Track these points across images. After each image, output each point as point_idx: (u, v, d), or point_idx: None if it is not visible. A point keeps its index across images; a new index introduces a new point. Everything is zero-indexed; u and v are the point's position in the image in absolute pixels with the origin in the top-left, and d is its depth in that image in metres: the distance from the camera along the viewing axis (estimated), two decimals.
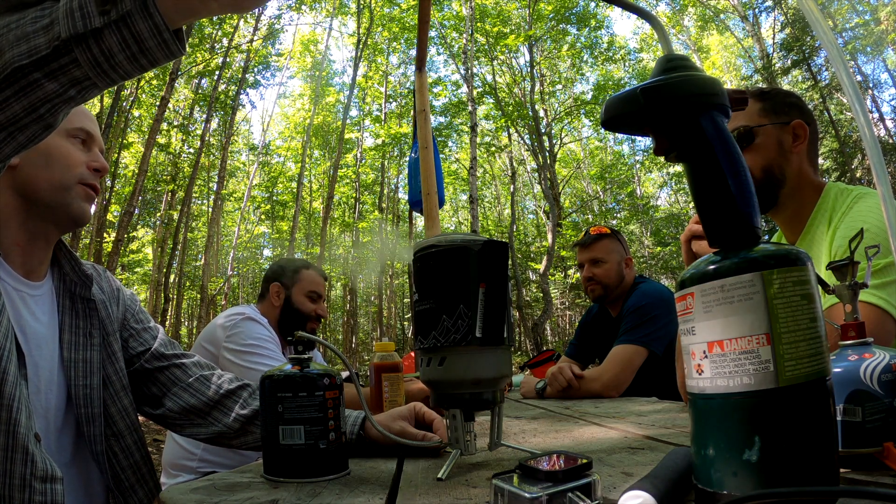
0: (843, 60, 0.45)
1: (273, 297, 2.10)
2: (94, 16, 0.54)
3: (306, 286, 2.13)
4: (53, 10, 0.55)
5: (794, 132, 1.22)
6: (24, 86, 0.55)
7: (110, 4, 0.54)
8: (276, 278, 2.12)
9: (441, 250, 0.77)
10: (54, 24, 0.54)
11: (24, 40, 0.54)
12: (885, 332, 0.97)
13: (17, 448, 0.80)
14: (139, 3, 0.54)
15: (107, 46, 0.55)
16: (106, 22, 0.54)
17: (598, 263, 2.24)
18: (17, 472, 0.80)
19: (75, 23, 0.54)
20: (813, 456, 0.44)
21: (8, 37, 0.54)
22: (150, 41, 0.55)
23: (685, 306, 0.49)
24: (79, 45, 0.54)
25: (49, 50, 0.54)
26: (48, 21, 0.54)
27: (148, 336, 1.15)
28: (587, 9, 14.08)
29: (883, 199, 0.43)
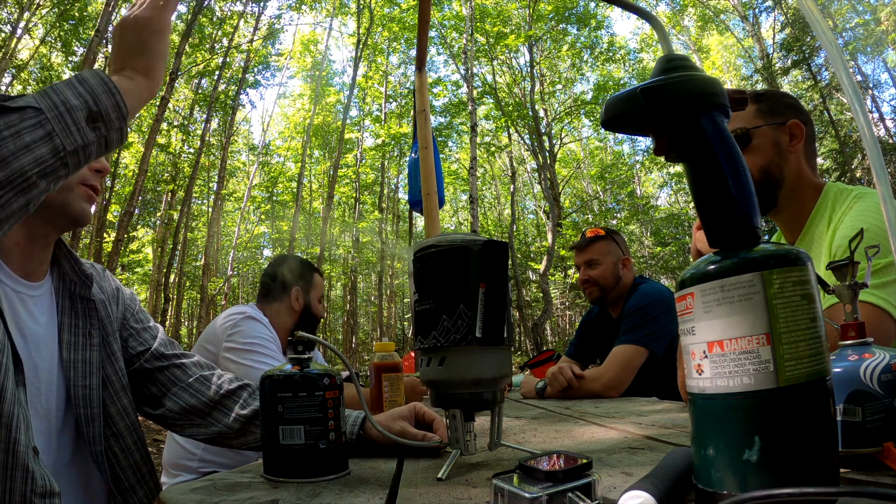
0: (843, 60, 0.45)
1: (294, 302, 2.09)
2: (88, 132, 0.68)
3: (319, 291, 2.18)
4: (42, 119, 0.64)
5: (790, 132, 1.22)
6: (25, 188, 0.64)
7: (100, 122, 0.69)
8: (297, 283, 2.11)
9: (441, 250, 0.77)
10: (52, 135, 0.64)
11: (26, 151, 0.63)
12: (885, 332, 0.97)
13: (18, 466, 0.80)
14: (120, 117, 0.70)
15: (91, 152, 0.69)
16: (98, 136, 0.68)
17: (593, 265, 2.25)
18: (17, 489, 0.80)
19: (75, 138, 0.66)
20: (813, 456, 0.44)
21: (7, 146, 0.61)
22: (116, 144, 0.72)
23: (685, 306, 0.49)
24: (73, 155, 0.67)
25: (53, 160, 0.65)
26: (44, 132, 0.64)
27: (148, 336, 1.15)
28: (587, 9, 14.09)
29: (883, 199, 0.43)
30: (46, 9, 11.58)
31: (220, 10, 14.20)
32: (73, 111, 0.66)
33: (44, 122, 0.64)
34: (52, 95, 0.66)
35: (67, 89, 0.68)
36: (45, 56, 12.20)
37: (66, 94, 0.67)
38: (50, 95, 0.66)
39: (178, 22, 13.84)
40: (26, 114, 0.64)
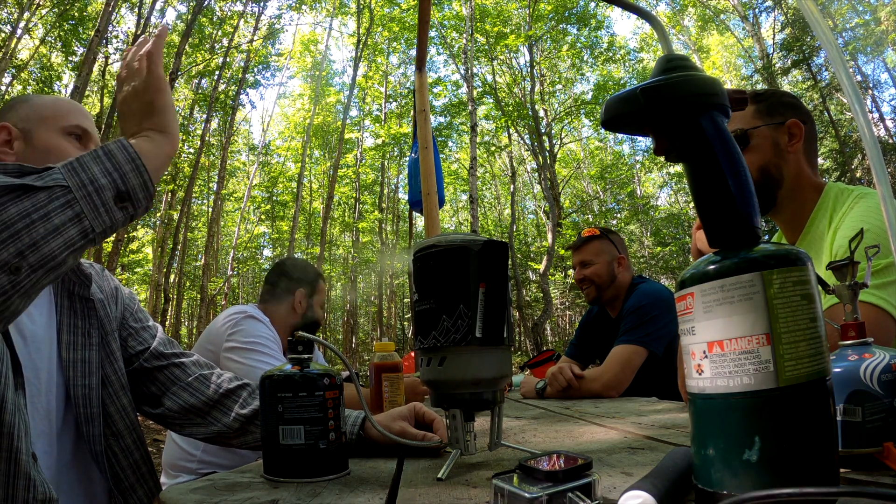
0: (843, 60, 0.45)
1: (297, 304, 2.09)
2: (116, 212, 0.68)
3: (322, 297, 2.19)
4: (70, 199, 0.64)
5: (789, 131, 1.21)
6: (55, 267, 0.64)
7: (128, 202, 0.69)
8: (301, 285, 2.11)
9: (441, 250, 0.77)
10: (81, 217, 0.64)
11: (56, 234, 0.62)
12: (885, 332, 0.97)
13: (20, 474, 0.81)
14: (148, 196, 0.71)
15: (117, 229, 0.70)
16: (125, 216, 0.69)
17: (587, 265, 2.26)
18: (19, 497, 0.80)
19: (103, 220, 0.67)
20: (813, 456, 0.44)
21: (37, 229, 0.61)
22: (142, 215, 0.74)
23: (685, 306, 0.49)
24: (101, 235, 0.67)
25: (83, 241, 0.65)
26: (72, 213, 0.64)
27: (147, 335, 1.15)
28: (587, 9, 14.09)
29: (883, 199, 0.43)
30: (46, 9, 11.58)
31: (220, 10, 14.20)
32: (101, 191, 0.66)
33: (72, 202, 0.64)
34: (79, 172, 0.65)
35: (95, 164, 0.67)
36: (45, 56, 12.20)
37: (93, 170, 0.66)
38: (78, 172, 0.65)
39: (178, 22, 13.86)
40: (54, 193, 0.63)
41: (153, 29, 13.08)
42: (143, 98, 0.82)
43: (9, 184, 0.60)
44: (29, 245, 0.60)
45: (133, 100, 0.82)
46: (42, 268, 0.62)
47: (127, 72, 0.85)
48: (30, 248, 0.60)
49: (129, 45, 0.88)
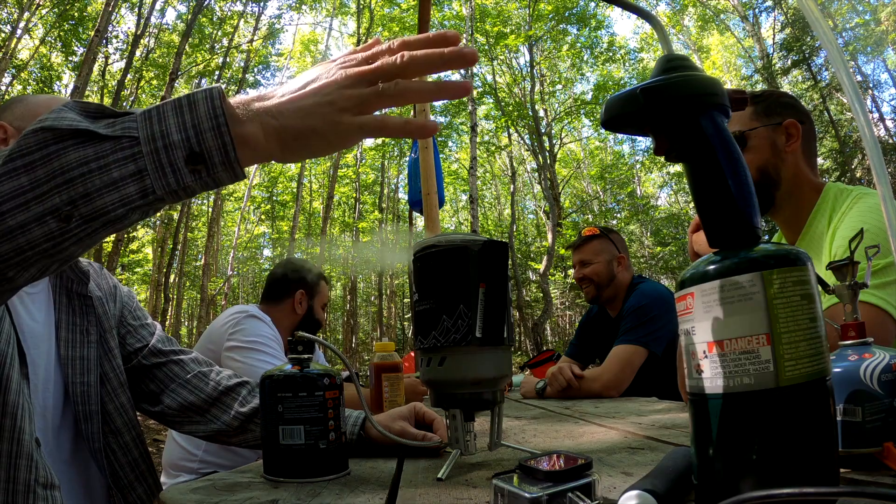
0: (843, 60, 0.45)
1: (297, 304, 2.09)
2: (186, 174, 0.56)
3: (323, 298, 2.18)
4: (136, 153, 0.55)
5: (786, 131, 1.21)
6: (112, 220, 0.57)
7: (201, 165, 0.56)
8: (301, 285, 2.11)
9: (441, 250, 0.77)
10: (143, 174, 0.55)
11: (112, 188, 0.55)
12: (885, 333, 0.97)
13: (23, 455, 0.81)
14: (226, 162, 0.56)
15: (191, 191, 0.58)
16: (197, 180, 0.57)
17: (587, 264, 2.26)
18: (21, 478, 0.80)
19: (168, 181, 0.56)
20: (813, 456, 0.44)
21: (93, 180, 0.54)
22: (227, 181, 0.60)
23: (685, 306, 0.49)
24: (169, 196, 0.57)
25: (142, 201, 0.56)
26: (135, 168, 0.55)
27: (145, 332, 1.15)
28: (587, 9, 14.09)
29: (883, 199, 0.43)
30: (46, 9, 11.58)
31: (220, 10, 14.21)
32: (171, 149, 0.56)
33: (137, 156, 0.56)
34: (154, 123, 0.57)
35: (173, 116, 0.57)
36: (45, 56, 12.20)
37: (169, 122, 0.57)
38: (153, 122, 0.57)
39: (178, 22, 13.86)
40: (120, 143, 0.56)
41: (153, 29, 13.09)
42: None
43: (75, 127, 0.55)
44: (82, 195, 0.55)
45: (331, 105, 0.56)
46: (95, 220, 0.56)
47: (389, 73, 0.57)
48: (83, 198, 0.55)
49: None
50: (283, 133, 0.57)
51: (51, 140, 0.54)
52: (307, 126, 0.56)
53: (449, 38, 0.58)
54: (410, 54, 0.56)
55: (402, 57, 0.56)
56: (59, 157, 0.54)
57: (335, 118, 0.56)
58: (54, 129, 0.54)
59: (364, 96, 0.56)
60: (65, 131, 0.54)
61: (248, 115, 0.57)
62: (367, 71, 0.56)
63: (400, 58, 0.56)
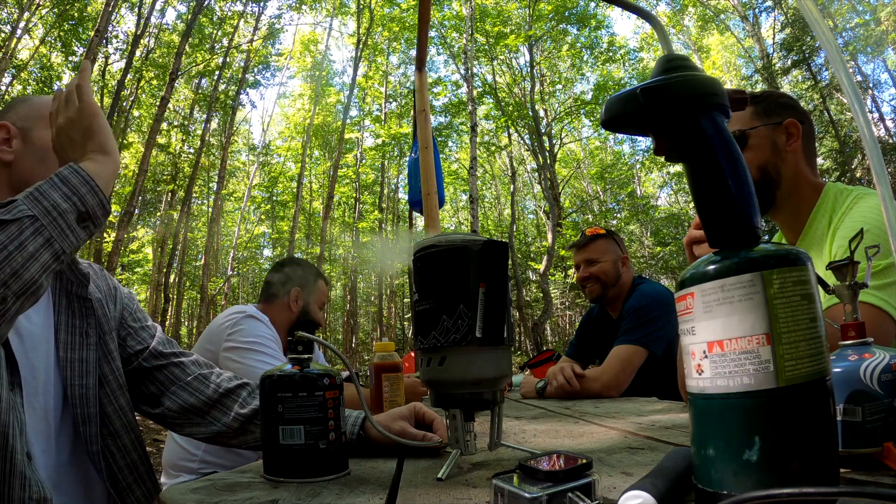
0: (843, 61, 0.45)
1: (292, 302, 2.08)
2: (80, 231, 0.76)
3: (320, 297, 2.17)
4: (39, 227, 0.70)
5: (787, 131, 1.22)
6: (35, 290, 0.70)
7: (89, 220, 0.77)
8: (298, 283, 2.11)
9: (441, 250, 0.77)
10: (52, 242, 0.71)
11: (32, 260, 0.69)
12: (885, 333, 0.97)
13: (15, 474, 0.81)
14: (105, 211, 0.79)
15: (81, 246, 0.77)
16: (87, 234, 0.77)
17: (593, 264, 2.25)
18: (15, 496, 0.81)
19: (70, 241, 0.74)
20: (813, 456, 0.44)
21: (15, 259, 0.67)
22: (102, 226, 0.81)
23: (685, 306, 0.49)
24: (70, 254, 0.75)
25: (56, 263, 0.72)
26: (43, 239, 0.70)
27: (146, 335, 1.15)
28: (587, 9, 14.08)
29: (883, 200, 0.43)
30: (46, 9, 11.58)
31: (220, 10, 14.20)
32: (64, 215, 0.73)
33: (41, 229, 0.70)
34: (41, 200, 0.72)
35: (54, 191, 0.73)
36: (45, 56, 12.20)
37: (54, 197, 0.73)
38: (40, 200, 0.72)
39: (178, 22, 13.86)
40: (24, 224, 0.68)
41: (153, 29, 13.08)
42: (81, 124, 0.87)
43: None
44: (11, 275, 0.66)
45: (71, 128, 0.87)
46: (24, 293, 0.68)
47: (58, 105, 0.90)
48: (12, 277, 0.66)
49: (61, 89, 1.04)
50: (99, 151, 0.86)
51: None
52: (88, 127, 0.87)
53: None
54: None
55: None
56: None
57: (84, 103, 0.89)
58: None
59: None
60: None
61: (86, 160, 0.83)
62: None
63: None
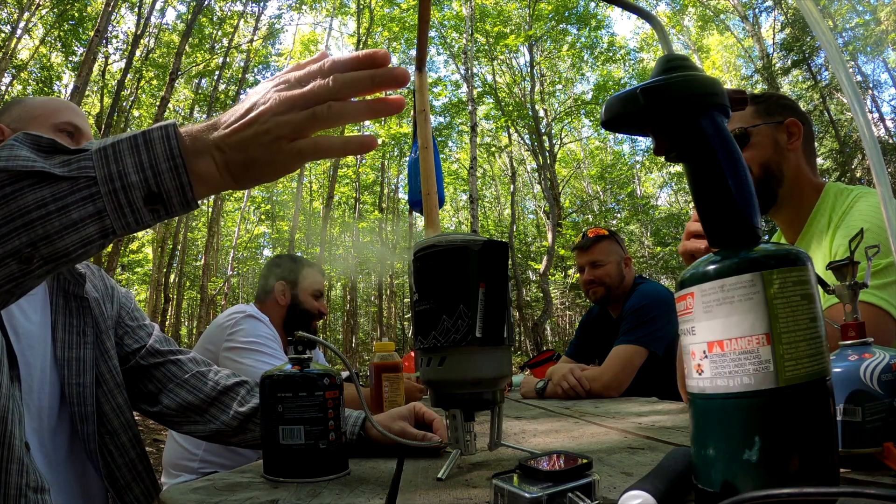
0: (843, 61, 0.45)
1: (279, 297, 2.08)
2: (145, 214, 0.57)
3: (311, 285, 2.13)
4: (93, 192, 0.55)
5: (788, 130, 1.23)
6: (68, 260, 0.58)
7: (160, 204, 0.57)
8: (281, 277, 2.11)
9: (441, 250, 0.77)
10: (103, 215, 0.55)
11: (73, 229, 0.55)
12: (885, 333, 0.97)
13: (13, 459, 0.81)
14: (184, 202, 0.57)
15: (147, 226, 0.59)
16: (155, 218, 0.58)
17: (598, 266, 2.25)
18: (12, 482, 0.81)
19: (128, 220, 0.56)
20: (813, 456, 0.44)
21: (52, 222, 0.54)
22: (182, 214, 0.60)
23: (685, 306, 0.49)
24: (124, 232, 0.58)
25: (102, 239, 0.57)
26: (94, 209, 0.55)
27: (143, 333, 1.15)
28: (587, 9, 14.08)
29: (883, 199, 0.43)
30: (46, 9, 11.58)
31: (220, 10, 14.20)
32: (129, 190, 0.56)
33: (95, 197, 0.55)
34: (111, 162, 0.56)
35: (129, 156, 0.57)
36: (45, 56, 12.20)
37: (126, 163, 0.56)
38: (109, 161, 0.56)
39: (178, 22, 13.86)
40: (78, 184, 0.55)
41: (153, 29, 13.07)
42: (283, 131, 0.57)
43: (30, 168, 0.54)
44: (42, 237, 0.55)
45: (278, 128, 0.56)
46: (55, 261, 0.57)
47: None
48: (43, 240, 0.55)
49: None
50: (231, 166, 0.57)
51: (6, 181, 0.53)
52: (249, 158, 0.57)
53: (378, 58, 0.58)
54: (340, 77, 0.57)
55: (333, 80, 0.57)
56: (15, 198, 0.53)
57: (273, 147, 0.56)
58: (8, 171, 0.53)
59: (297, 122, 0.56)
60: (20, 172, 0.53)
61: (201, 149, 0.57)
62: (299, 96, 0.56)
63: (332, 81, 0.57)
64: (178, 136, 0.57)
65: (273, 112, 0.56)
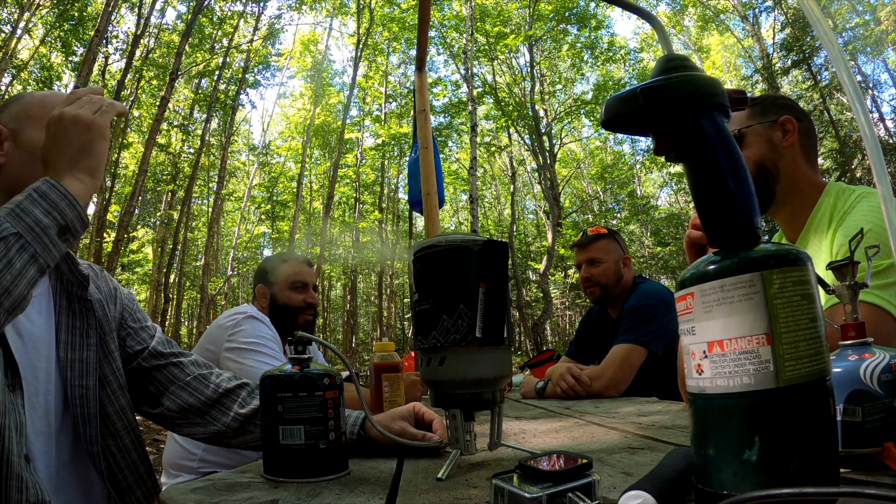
0: (844, 60, 0.45)
1: (260, 299, 2.10)
2: (61, 245, 0.78)
3: (288, 278, 2.08)
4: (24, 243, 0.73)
5: (783, 127, 1.23)
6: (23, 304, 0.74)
7: (69, 234, 0.79)
8: (260, 280, 2.12)
9: (441, 250, 0.77)
10: (37, 257, 0.74)
11: (21, 277, 0.72)
12: (885, 332, 0.97)
13: (12, 476, 0.81)
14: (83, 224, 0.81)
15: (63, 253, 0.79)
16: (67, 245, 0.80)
17: (595, 264, 2.25)
18: (12, 498, 0.81)
19: (52, 254, 0.77)
20: (813, 456, 0.44)
21: (5, 277, 0.70)
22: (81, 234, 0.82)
23: (685, 306, 0.49)
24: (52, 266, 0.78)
25: (40, 275, 0.75)
26: (29, 255, 0.73)
27: (146, 335, 1.15)
28: (587, 9, 14.07)
29: (883, 199, 0.43)
30: (46, 9, 11.58)
31: (220, 10, 14.20)
32: (46, 230, 0.75)
33: (26, 246, 0.72)
34: (23, 217, 0.74)
35: (34, 207, 0.75)
36: (45, 56, 12.20)
37: (35, 213, 0.75)
38: (22, 217, 0.73)
39: (179, 22, 13.86)
40: (9, 242, 0.71)
41: (153, 29, 13.07)
42: (85, 134, 0.84)
43: None
44: (2, 292, 0.69)
45: (74, 127, 0.83)
46: (14, 309, 0.71)
47: (69, 103, 0.86)
48: (3, 294, 0.69)
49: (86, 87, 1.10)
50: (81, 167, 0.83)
51: None
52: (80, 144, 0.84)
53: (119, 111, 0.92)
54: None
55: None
56: None
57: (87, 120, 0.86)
58: None
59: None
60: None
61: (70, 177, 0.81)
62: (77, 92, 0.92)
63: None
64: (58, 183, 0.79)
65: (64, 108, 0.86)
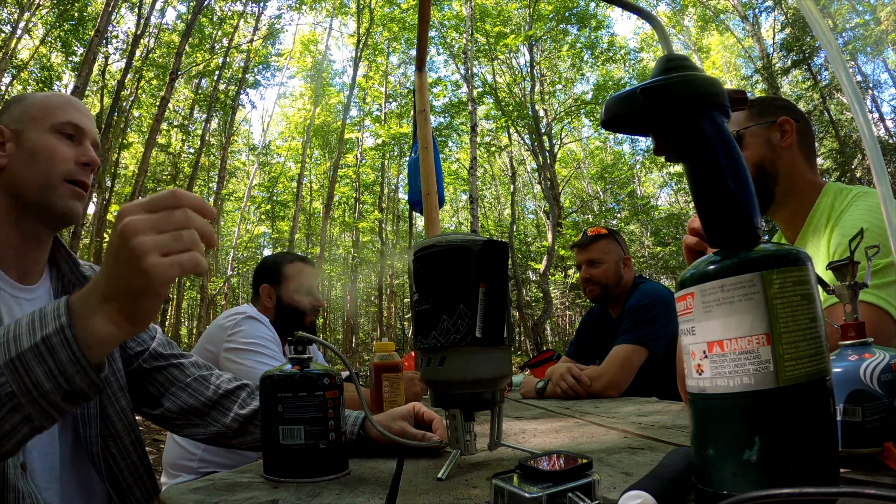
0: (843, 61, 0.45)
1: (265, 299, 2.07)
2: (65, 406, 0.65)
3: (297, 280, 2.08)
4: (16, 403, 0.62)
5: (781, 128, 1.23)
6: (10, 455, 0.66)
7: (78, 397, 0.65)
8: (264, 280, 2.10)
9: (441, 250, 0.77)
10: (31, 419, 0.63)
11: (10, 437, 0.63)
12: (885, 332, 0.97)
13: (8, 489, 0.81)
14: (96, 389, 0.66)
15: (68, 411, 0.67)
16: (75, 405, 0.67)
17: (595, 264, 2.25)
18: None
19: (52, 417, 0.65)
20: (813, 456, 0.44)
21: None
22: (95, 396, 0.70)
23: (685, 306, 0.49)
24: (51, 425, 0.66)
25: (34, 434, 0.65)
26: (21, 417, 0.63)
27: (146, 336, 1.15)
28: (587, 9, 14.07)
29: (883, 199, 0.43)
30: (46, 9, 11.58)
31: (220, 10, 14.21)
32: (47, 395, 0.63)
33: (20, 407, 0.62)
34: (23, 375, 0.62)
35: (38, 365, 0.62)
36: (45, 56, 12.20)
37: (37, 373, 0.62)
38: (21, 375, 0.62)
39: (178, 22, 13.86)
40: (2, 402, 0.62)
41: (153, 29, 13.07)
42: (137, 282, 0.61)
43: None
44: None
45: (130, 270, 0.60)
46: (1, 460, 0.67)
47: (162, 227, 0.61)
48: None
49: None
50: (122, 308, 0.63)
51: None
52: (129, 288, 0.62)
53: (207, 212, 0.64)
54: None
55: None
56: None
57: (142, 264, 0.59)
58: None
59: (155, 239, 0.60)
60: None
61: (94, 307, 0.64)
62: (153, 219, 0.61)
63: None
64: (72, 327, 0.62)
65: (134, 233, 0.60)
